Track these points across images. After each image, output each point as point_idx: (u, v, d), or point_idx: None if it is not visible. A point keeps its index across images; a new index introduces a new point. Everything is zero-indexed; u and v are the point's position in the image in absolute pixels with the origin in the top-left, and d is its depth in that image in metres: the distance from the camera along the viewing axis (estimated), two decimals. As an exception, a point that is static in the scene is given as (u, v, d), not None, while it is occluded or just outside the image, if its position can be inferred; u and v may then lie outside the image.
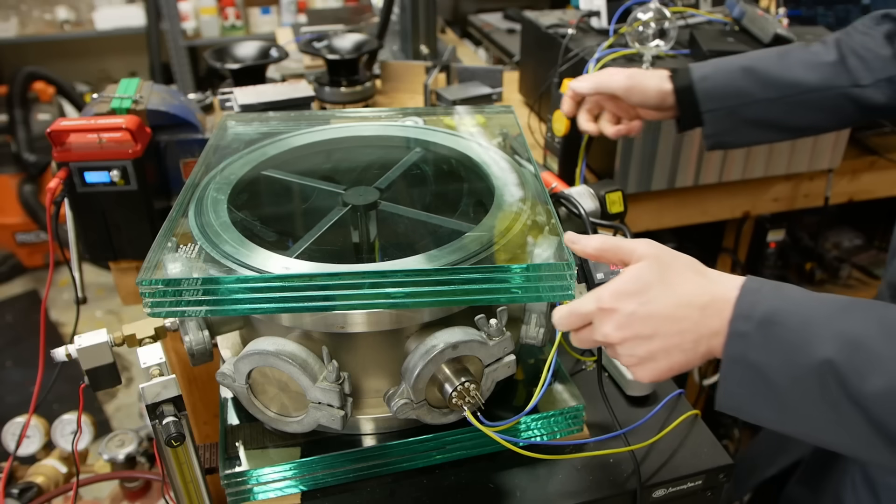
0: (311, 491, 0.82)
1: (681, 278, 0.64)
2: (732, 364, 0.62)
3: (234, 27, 3.54)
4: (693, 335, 0.63)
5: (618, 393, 0.95)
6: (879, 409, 0.56)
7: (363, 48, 1.63)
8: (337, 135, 1.05)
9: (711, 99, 1.01)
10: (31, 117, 3.20)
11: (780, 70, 1.00)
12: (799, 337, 0.59)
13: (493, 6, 2.55)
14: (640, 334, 0.64)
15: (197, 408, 1.33)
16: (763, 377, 0.60)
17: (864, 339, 0.57)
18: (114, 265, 1.25)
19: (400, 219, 0.91)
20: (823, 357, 0.57)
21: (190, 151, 1.24)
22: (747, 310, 0.61)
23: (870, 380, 0.56)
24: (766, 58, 1.03)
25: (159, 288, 0.70)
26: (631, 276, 0.65)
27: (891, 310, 0.59)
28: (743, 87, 1.00)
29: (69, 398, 0.87)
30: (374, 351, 0.81)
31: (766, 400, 0.62)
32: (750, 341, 0.61)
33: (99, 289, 3.12)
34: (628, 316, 0.64)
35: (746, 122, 1.02)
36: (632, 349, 0.65)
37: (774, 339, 0.60)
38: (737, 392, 0.63)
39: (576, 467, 0.84)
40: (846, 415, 0.58)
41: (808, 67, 0.99)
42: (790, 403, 0.60)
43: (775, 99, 0.99)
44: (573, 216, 0.97)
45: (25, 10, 3.53)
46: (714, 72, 1.02)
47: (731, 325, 0.62)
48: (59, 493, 1.08)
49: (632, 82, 1.02)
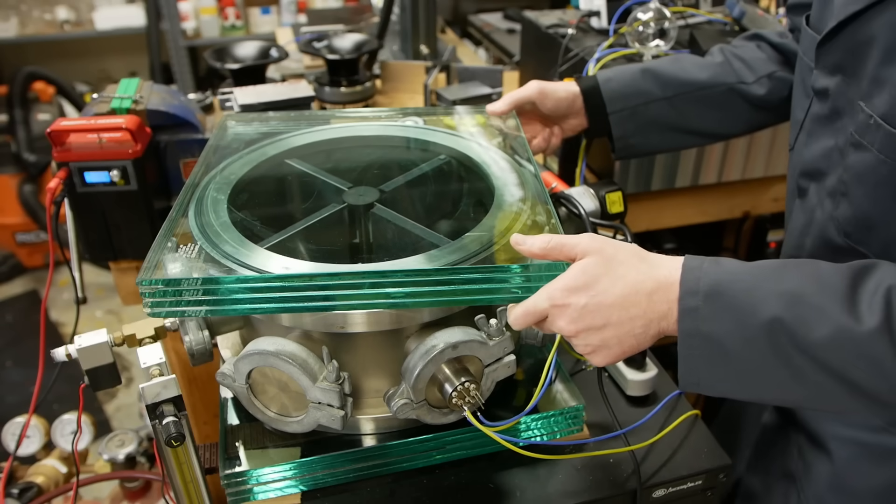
0: (311, 491, 0.82)
1: (625, 268, 0.68)
2: (687, 338, 0.66)
3: (234, 27, 3.54)
4: (643, 320, 0.67)
5: (618, 393, 0.96)
6: (829, 356, 0.61)
7: (363, 48, 1.63)
8: (337, 135, 1.06)
9: (616, 99, 1.06)
10: (31, 117, 3.20)
11: (674, 70, 1.07)
12: (745, 302, 0.63)
13: (493, 6, 2.55)
14: (592, 325, 0.68)
15: (197, 408, 1.33)
16: (718, 345, 0.65)
17: (805, 294, 0.62)
18: (114, 265, 1.25)
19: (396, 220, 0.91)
20: (771, 315, 0.62)
21: (190, 151, 1.24)
22: (693, 286, 0.65)
23: (816, 329, 0.61)
24: (662, 62, 1.10)
25: (159, 288, 0.70)
26: (579, 270, 0.68)
27: (820, 265, 0.65)
28: (643, 87, 1.07)
29: (69, 398, 0.87)
30: (374, 351, 0.81)
31: (724, 368, 0.66)
32: (700, 314, 0.65)
33: (99, 289, 3.12)
34: (580, 309, 0.67)
35: (650, 124, 1.08)
36: (586, 339, 0.69)
37: (723, 308, 0.64)
38: (696, 366, 0.67)
39: (576, 467, 0.84)
40: (799, 367, 0.62)
41: (699, 67, 1.07)
42: (747, 366, 0.65)
43: (672, 97, 1.06)
44: (573, 216, 0.97)
45: (25, 10, 3.53)
46: (616, 74, 1.08)
47: (680, 302, 0.65)
48: (59, 493, 1.09)
49: (543, 87, 1.06)
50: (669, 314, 0.66)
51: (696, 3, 1.52)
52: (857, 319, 0.60)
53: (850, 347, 0.60)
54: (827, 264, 0.65)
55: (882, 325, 0.59)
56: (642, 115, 1.07)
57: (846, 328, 0.60)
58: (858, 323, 0.60)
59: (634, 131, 1.08)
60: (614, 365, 0.97)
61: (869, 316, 0.60)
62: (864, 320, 0.60)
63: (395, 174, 0.98)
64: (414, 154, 1.05)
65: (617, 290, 0.67)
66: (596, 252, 0.69)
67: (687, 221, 1.55)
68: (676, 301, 0.66)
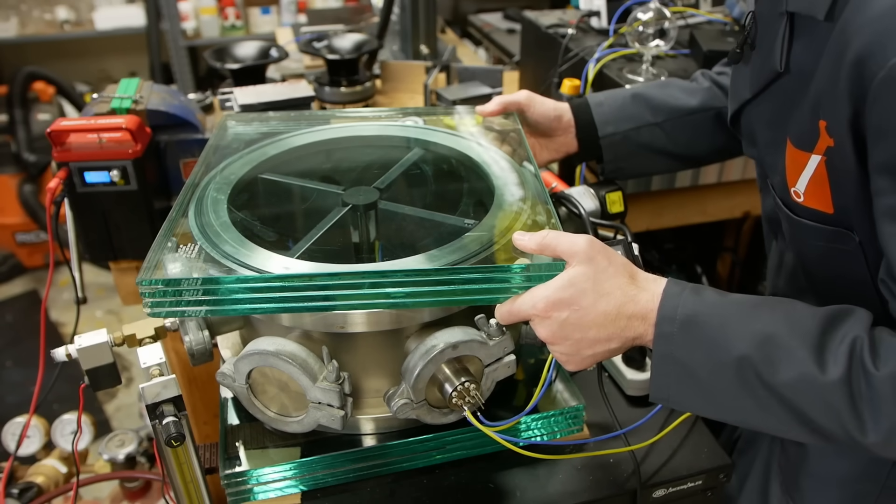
0: (311, 491, 0.82)
1: (612, 285, 0.69)
2: (660, 360, 0.69)
3: (234, 27, 3.54)
4: (619, 339, 0.70)
5: (618, 393, 0.96)
6: (792, 396, 0.64)
7: (363, 48, 1.63)
8: (337, 135, 1.05)
9: (607, 123, 1.07)
10: (31, 117, 3.20)
11: (664, 96, 1.08)
12: (717, 336, 0.66)
13: (493, 6, 2.55)
14: (570, 337, 0.70)
15: (197, 408, 1.33)
16: (688, 371, 0.68)
17: (775, 335, 0.65)
18: (114, 265, 1.25)
19: (400, 218, 0.91)
20: (740, 353, 0.65)
21: (190, 151, 1.24)
22: (670, 313, 0.68)
23: (782, 371, 0.64)
24: (651, 87, 1.12)
25: (159, 288, 0.70)
26: (566, 282, 0.70)
27: (795, 306, 0.68)
28: (634, 112, 1.08)
29: (69, 398, 0.87)
30: (374, 351, 0.81)
31: (692, 390, 0.69)
32: (674, 341, 0.68)
33: (99, 289, 3.11)
34: (561, 323, 0.70)
35: (640, 148, 1.08)
36: (561, 347, 0.72)
37: (696, 339, 0.67)
38: (666, 384, 0.70)
39: (576, 467, 0.84)
40: (764, 401, 0.65)
41: (688, 93, 1.09)
42: (714, 393, 0.68)
43: (662, 122, 1.07)
44: (573, 216, 0.97)
45: (25, 10, 3.53)
46: (607, 98, 1.10)
47: (657, 327, 0.68)
48: (59, 493, 1.09)
49: (532, 96, 1.07)
50: (646, 334, 0.69)
51: (696, 3, 1.52)
52: (822, 368, 0.62)
53: (812, 393, 0.63)
54: (803, 306, 0.68)
55: (844, 376, 0.61)
56: (633, 139, 1.08)
57: (810, 375, 0.63)
58: (823, 372, 0.62)
59: (625, 155, 1.09)
60: (614, 365, 0.97)
61: (833, 366, 0.62)
62: (828, 370, 0.62)
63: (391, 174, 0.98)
64: (415, 154, 1.04)
65: (599, 309, 0.69)
66: (587, 262, 0.70)
67: (687, 221, 1.55)
68: (653, 325, 0.68)
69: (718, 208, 1.56)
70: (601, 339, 0.70)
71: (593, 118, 1.07)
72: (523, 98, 1.06)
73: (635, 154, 1.09)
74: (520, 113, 1.07)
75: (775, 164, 0.77)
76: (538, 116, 1.06)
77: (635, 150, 1.08)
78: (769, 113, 0.79)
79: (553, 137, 1.09)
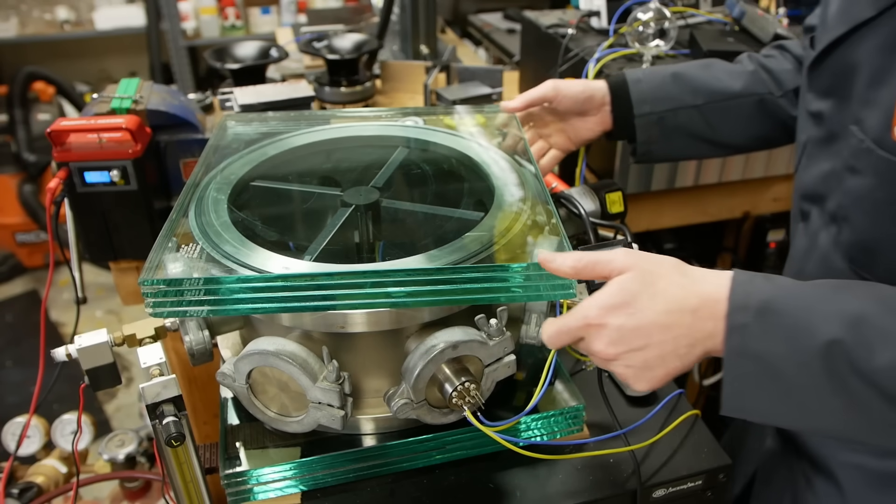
0: (311, 491, 0.82)
1: (666, 282, 0.63)
2: (735, 357, 0.61)
3: (234, 27, 3.54)
4: (688, 339, 0.62)
5: (618, 393, 0.95)
6: (892, 383, 0.56)
7: (363, 48, 1.63)
8: (337, 135, 1.05)
9: (644, 102, 1.03)
10: (31, 117, 3.20)
11: (706, 78, 1.03)
12: (800, 321, 0.59)
13: (493, 6, 2.55)
14: (632, 346, 0.63)
15: (197, 408, 1.33)
16: (768, 367, 0.60)
17: (866, 315, 0.57)
18: (114, 265, 1.25)
19: (401, 217, 0.91)
20: (829, 338, 0.57)
21: (190, 151, 1.24)
22: (742, 301, 0.61)
23: (879, 353, 0.56)
24: (693, 67, 1.06)
25: (161, 288, 0.70)
26: (615, 288, 0.64)
27: (883, 287, 0.61)
28: (673, 92, 1.03)
29: (69, 398, 0.87)
30: (374, 351, 0.81)
31: (773, 392, 0.61)
32: (750, 332, 0.60)
33: (99, 289, 3.12)
34: (618, 329, 0.63)
35: (675, 131, 1.04)
36: (626, 361, 0.64)
37: (775, 327, 0.59)
38: (742, 388, 0.61)
39: (576, 467, 0.84)
40: (857, 393, 0.57)
41: (732, 76, 1.04)
42: (799, 392, 0.59)
43: (702, 105, 1.02)
44: (573, 216, 0.98)
45: (25, 10, 3.53)
46: (646, 76, 1.05)
47: (728, 318, 0.61)
48: (59, 493, 1.09)
49: (558, 84, 1.03)
50: (716, 332, 0.61)
51: (696, 3, 1.52)
52: None
53: None
54: (888, 287, 0.61)
55: None
56: (670, 121, 1.03)
57: None
58: None
59: (659, 137, 1.04)
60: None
61: None
62: None
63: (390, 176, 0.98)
64: (413, 154, 1.04)
65: (658, 307, 0.62)
66: (632, 267, 0.64)
67: (687, 221, 1.55)
68: (724, 317, 0.61)
69: (718, 208, 1.56)
70: (667, 341, 0.62)
71: (630, 95, 1.03)
72: (549, 90, 1.03)
73: (669, 137, 1.04)
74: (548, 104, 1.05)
75: (876, 99, 0.67)
76: (568, 102, 1.03)
77: (670, 132, 1.04)
78: (888, 35, 0.67)
79: (587, 117, 1.05)
